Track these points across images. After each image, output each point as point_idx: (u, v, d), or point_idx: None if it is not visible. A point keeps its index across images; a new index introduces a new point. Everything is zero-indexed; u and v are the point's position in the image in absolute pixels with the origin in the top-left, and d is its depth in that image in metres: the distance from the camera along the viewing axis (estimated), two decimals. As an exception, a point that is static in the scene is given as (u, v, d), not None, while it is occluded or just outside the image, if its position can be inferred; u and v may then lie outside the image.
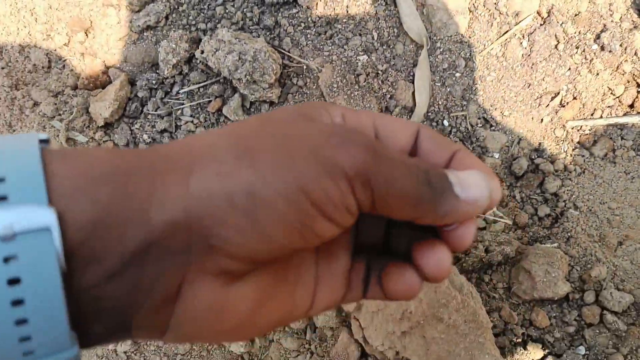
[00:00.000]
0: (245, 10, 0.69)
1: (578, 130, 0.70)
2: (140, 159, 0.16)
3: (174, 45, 0.65)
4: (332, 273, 0.22)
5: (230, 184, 0.16)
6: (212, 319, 0.17)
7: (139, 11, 0.70)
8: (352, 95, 0.64)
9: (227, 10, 0.69)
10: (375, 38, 0.68)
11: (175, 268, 0.16)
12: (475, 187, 0.20)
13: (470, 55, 0.70)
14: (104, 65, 0.69)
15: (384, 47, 0.68)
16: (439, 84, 0.70)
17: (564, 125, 0.70)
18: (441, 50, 0.70)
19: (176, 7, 0.70)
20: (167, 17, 0.69)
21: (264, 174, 0.16)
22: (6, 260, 0.12)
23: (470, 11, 0.70)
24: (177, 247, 0.15)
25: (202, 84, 0.67)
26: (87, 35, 0.73)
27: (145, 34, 0.69)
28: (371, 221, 0.24)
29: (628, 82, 0.71)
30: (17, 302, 0.12)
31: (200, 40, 0.67)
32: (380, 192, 0.18)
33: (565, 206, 0.67)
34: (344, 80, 0.65)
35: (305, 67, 0.67)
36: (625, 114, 0.70)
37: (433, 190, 0.19)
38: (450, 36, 0.69)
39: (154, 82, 0.67)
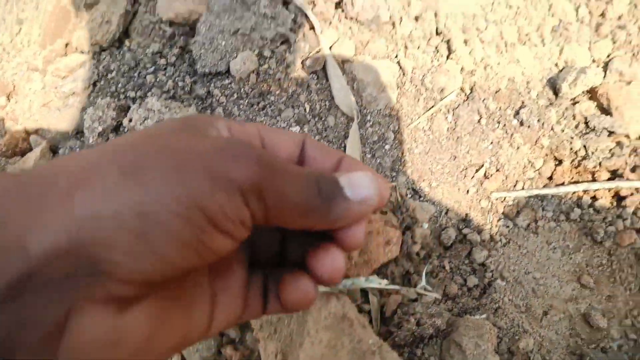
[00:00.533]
0: (177, 79, 0.72)
1: (502, 201, 0.76)
2: (13, 182, 0.15)
3: (100, 113, 0.67)
4: (228, 290, 0.23)
5: (117, 204, 0.15)
6: (105, 350, 0.16)
7: (65, 77, 0.71)
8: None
9: (158, 79, 0.71)
10: (308, 110, 0.72)
11: (60, 299, 0.15)
12: (364, 187, 0.21)
13: (398, 128, 0.76)
14: (25, 131, 0.70)
15: (316, 119, 0.73)
16: (369, 156, 0.75)
17: (488, 197, 0.76)
18: (371, 123, 0.75)
19: (105, 74, 0.72)
20: (94, 84, 0.71)
21: (155, 191, 0.16)
22: None
23: (398, 86, 0.76)
24: (61, 275, 0.15)
25: (128, 154, 0.68)
26: (9, 99, 0.73)
27: (70, 100, 0.71)
28: (265, 234, 0.25)
29: (546, 155, 0.79)
30: None
31: (129, 108, 0.69)
32: (273, 203, 0.19)
33: (492, 276, 0.72)
34: (275, 152, 0.68)
35: (236, 137, 0.70)
36: (545, 186, 0.77)
37: (323, 198, 0.20)
38: (380, 110, 0.75)
39: (77, 149, 0.68)
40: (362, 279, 0.64)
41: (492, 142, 0.80)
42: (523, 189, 0.78)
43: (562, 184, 0.79)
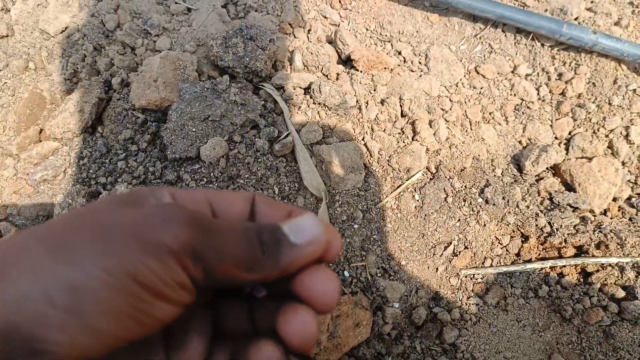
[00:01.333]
0: (147, 164, 0.79)
1: (471, 278, 0.82)
2: None
3: (70, 200, 0.73)
4: None
5: (47, 283, 0.17)
6: None
7: (37, 164, 0.78)
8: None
9: (128, 165, 0.79)
10: (277, 192, 0.80)
11: None
12: (308, 230, 0.23)
13: (367, 207, 0.83)
14: (-5, 218, 0.75)
15: (285, 200, 0.80)
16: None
17: (457, 274, 0.82)
18: (340, 203, 0.82)
19: (77, 160, 0.79)
20: (65, 171, 0.78)
21: (84, 265, 0.17)
22: None
23: (365, 167, 0.85)
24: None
25: (97, 240, 0.74)
26: (-21, 185, 0.79)
27: (41, 187, 0.77)
28: (232, 304, 0.27)
29: (513, 232, 0.86)
30: None
31: (99, 194, 0.75)
32: (213, 262, 0.20)
33: (463, 357, 0.77)
34: (243, 235, 0.74)
35: (205, 221, 0.76)
36: (512, 263, 0.84)
37: (266, 247, 0.22)
38: (348, 190, 0.82)
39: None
40: (328, 363, 0.69)
41: (459, 220, 0.87)
42: (491, 265, 0.85)
43: (530, 260, 0.86)
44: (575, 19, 1.07)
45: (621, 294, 0.82)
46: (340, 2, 1.09)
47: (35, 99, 0.89)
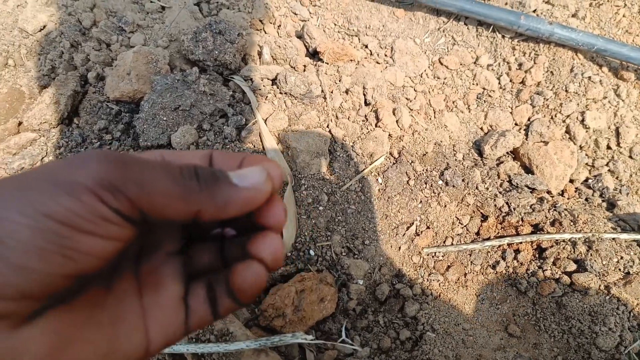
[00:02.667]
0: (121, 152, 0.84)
1: (433, 256, 0.88)
2: None
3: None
4: (161, 305, 0.26)
5: None
6: None
7: (15, 154, 0.83)
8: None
9: (103, 153, 0.84)
10: (244, 177, 0.84)
11: None
12: (252, 175, 0.26)
13: (331, 190, 0.88)
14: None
15: (252, 185, 0.84)
16: (305, 217, 0.86)
17: (419, 252, 0.87)
18: (305, 186, 0.87)
19: (54, 150, 0.84)
20: (42, 160, 0.83)
21: (4, 212, 0.19)
22: None
23: (330, 153, 0.90)
24: None
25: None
26: (-40, 175, 0.84)
27: (19, 175, 0.82)
28: (203, 246, 0.30)
29: (473, 212, 0.91)
30: None
31: (74, 180, 0.80)
32: (137, 195, 0.21)
33: (423, 329, 0.82)
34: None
35: (176, 204, 0.81)
36: (472, 241, 0.89)
37: (202, 181, 0.24)
38: (313, 174, 0.88)
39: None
40: (288, 335, 0.74)
41: (421, 202, 0.93)
42: (452, 244, 0.90)
43: (489, 238, 0.91)
44: (534, 11, 1.13)
45: (573, 267, 0.88)
46: (309, -1, 1.15)
47: (15, 94, 0.94)
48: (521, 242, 0.92)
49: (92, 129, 0.90)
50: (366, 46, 1.11)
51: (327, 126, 0.96)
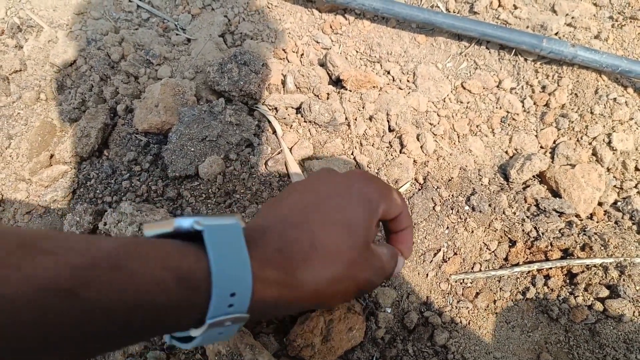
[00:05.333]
0: (150, 183, 0.86)
1: (461, 283, 0.87)
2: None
3: (77, 218, 0.80)
4: None
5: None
6: None
7: (48, 186, 0.85)
8: (247, 260, 0.79)
9: (132, 184, 0.86)
10: (270, 206, 0.85)
11: None
12: (401, 265, 0.53)
13: (357, 218, 0.88)
14: (9, 237, 0.82)
15: (278, 213, 0.85)
16: (331, 245, 0.86)
17: (447, 279, 0.87)
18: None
19: (84, 182, 0.86)
20: (74, 192, 0.85)
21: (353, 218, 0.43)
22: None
23: (355, 180, 0.90)
24: None
25: (103, 254, 0.80)
26: (-5, 208, 0.87)
27: (52, 207, 0.84)
28: None
29: (501, 237, 0.91)
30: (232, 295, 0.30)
31: (105, 211, 0.82)
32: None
33: (454, 357, 0.81)
34: (240, 246, 0.80)
35: (204, 234, 0.82)
36: (501, 267, 0.89)
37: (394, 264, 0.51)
38: (339, 202, 0.88)
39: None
40: (319, 363, 0.74)
41: (447, 227, 0.92)
42: (480, 270, 0.89)
43: (517, 264, 0.90)
44: (556, 34, 1.13)
45: (605, 292, 0.86)
46: (331, 27, 1.17)
47: (46, 127, 0.97)
48: (551, 268, 0.91)
49: (121, 160, 0.92)
50: (388, 72, 1.12)
51: (352, 153, 0.97)
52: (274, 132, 0.97)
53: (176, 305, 0.27)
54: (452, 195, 0.98)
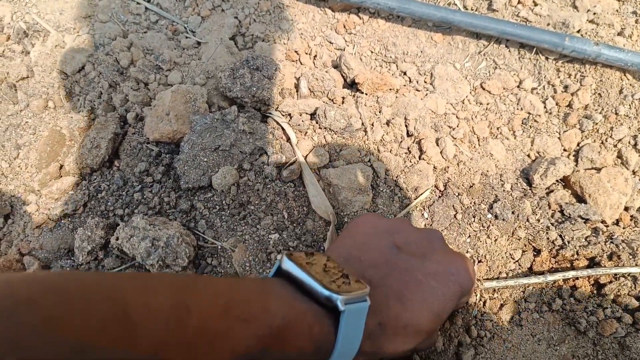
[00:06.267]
0: (162, 195, 0.84)
1: (486, 294, 0.84)
2: None
3: (89, 233, 0.78)
4: None
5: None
6: None
7: (58, 199, 0.83)
8: (264, 273, 0.77)
9: (144, 196, 0.83)
10: (286, 217, 0.83)
11: None
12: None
13: (376, 228, 0.85)
14: (19, 252, 0.80)
15: (294, 224, 0.83)
16: (349, 257, 0.84)
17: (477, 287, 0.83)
18: (347, 224, 0.85)
19: (95, 194, 0.84)
20: (85, 205, 0.83)
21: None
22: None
23: (373, 188, 0.87)
24: None
25: (116, 269, 0.78)
26: (6, 221, 0.84)
27: (62, 221, 0.82)
28: None
29: (525, 246, 0.88)
30: None
31: (117, 225, 0.80)
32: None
33: (478, 373, 0.78)
34: (256, 259, 0.78)
35: (219, 247, 0.80)
36: (525, 277, 0.85)
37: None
38: (356, 211, 0.86)
39: (68, 268, 0.78)
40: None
41: (469, 236, 0.89)
42: (509, 277, 0.86)
43: (542, 273, 0.87)
44: (578, 31, 1.09)
45: (635, 304, 0.83)
46: (345, 27, 1.14)
47: (55, 137, 0.94)
48: (577, 279, 0.88)
49: (132, 171, 0.90)
50: (404, 73, 1.08)
51: (369, 161, 0.93)
52: (288, 139, 0.94)
53: None
54: (474, 203, 0.95)
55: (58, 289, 0.24)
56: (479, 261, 0.92)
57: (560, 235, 0.92)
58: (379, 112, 0.99)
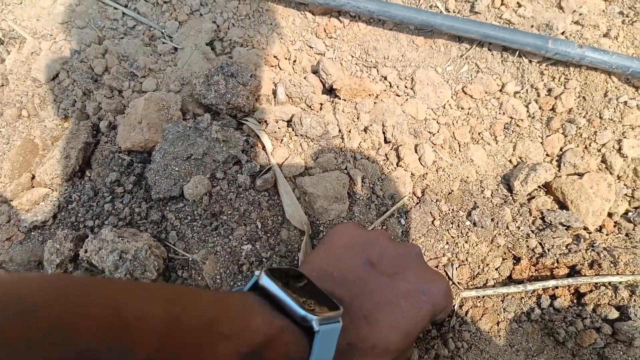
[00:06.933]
0: (133, 205, 0.83)
1: (464, 303, 0.83)
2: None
3: (58, 245, 0.77)
4: None
5: None
6: None
7: (28, 210, 0.82)
8: (235, 285, 0.76)
9: (115, 207, 0.82)
10: (260, 227, 0.82)
11: None
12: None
13: (352, 237, 0.84)
14: (-11, 266, 0.79)
15: (268, 235, 0.82)
16: (324, 267, 0.82)
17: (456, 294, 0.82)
18: (324, 233, 0.83)
19: (65, 205, 0.83)
20: (55, 216, 0.82)
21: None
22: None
23: (349, 196, 0.86)
24: None
25: (85, 283, 0.77)
26: (-25, 233, 0.83)
27: (32, 233, 0.81)
28: None
29: (504, 254, 0.86)
30: None
31: (87, 237, 0.79)
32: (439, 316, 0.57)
33: (455, 385, 0.77)
34: (227, 271, 0.77)
35: (190, 259, 0.79)
36: (504, 286, 0.84)
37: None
38: (332, 220, 0.85)
39: (37, 282, 0.77)
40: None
41: (447, 242, 0.88)
42: (485, 287, 0.85)
43: (522, 282, 0.86)
44: (562, 33, 1.08)
45: (615, 314, 0.82)
46: (325, 31, 1.12)
47: (28, 146, 0.93)
48: (557, 287, 0.87)
49: (104, 181, 0.89)
50: (385, 78, 1.07)
51: (346, 168, 0.92)
52: (264, 147, 0.92)
53: None
54: (453, 210, 0.93)
55: (63, 295, 0.26)
56: (460, 265, 0.90)
57: (540, 243, 0.90)
58: (357, 118, 0.98)
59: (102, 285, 0.31)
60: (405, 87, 1.07)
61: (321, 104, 0.99)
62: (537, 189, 0.98)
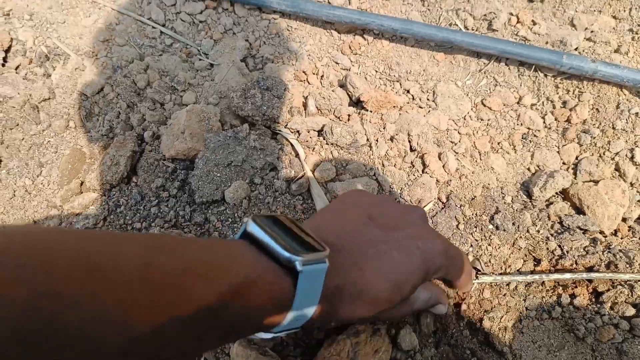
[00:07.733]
0: (177, 209, 0.89)
1: (481, 303, 0.88)
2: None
3: (110, 245, 0.83)
4: None
5: None
6: None
7: (79, 214, 0.89)
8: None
9: (161, 210, 0.89)
10: (295, 229, 0.88)
11: None
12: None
13: (381, 239, 0.90)
14: (44, 264, 0.86)
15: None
16: (356, 267, 0.89)
17: (471, 296, 0.88)
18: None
19: (114, 209, 0.90)
20: (105, 219, 0.88)
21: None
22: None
23: (378, 201, 0.92)
24: None
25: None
26: (29, 235, 0.90)
27: (84, 234, 0.87)
28: None
29: (525, 256, 0.92)
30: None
31: (135, 238, 0.85)
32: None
33: (481, 378, 0.82)
34: (267, 270, 0.83)
35: (231, 258, 0.85)
36: (527, 286, 0.90)
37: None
38: (362, 224, 0.90)
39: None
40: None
41: (471, 245, 0.94)
42: (508, 287, 0.91)
43: (543, 283, 0.91)
44: (575, 49, 1.15)
45: (631, 311, 0.87)
46: (350, 47, 1.20)
47: (76, 155, 1.01)
48: (576, 287, 0.92)
49: (149, 187, 0.96)
50: (408, 91, 1.14)
51: (374, 174, 0.99)
52: (297, 155, 0.99)
53: (265, 319, 0.38)
54: (476, 214, 0.99)
55: (33, 242, 0.26)
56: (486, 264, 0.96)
57: (560, 246, 0.96)
58: (383, 128, 1.05)
59: (78, 234, 0.31)
60: (428, 99, 1.14)
61: (349, 115, 1.06)
62: (555, 195, 1.05)
